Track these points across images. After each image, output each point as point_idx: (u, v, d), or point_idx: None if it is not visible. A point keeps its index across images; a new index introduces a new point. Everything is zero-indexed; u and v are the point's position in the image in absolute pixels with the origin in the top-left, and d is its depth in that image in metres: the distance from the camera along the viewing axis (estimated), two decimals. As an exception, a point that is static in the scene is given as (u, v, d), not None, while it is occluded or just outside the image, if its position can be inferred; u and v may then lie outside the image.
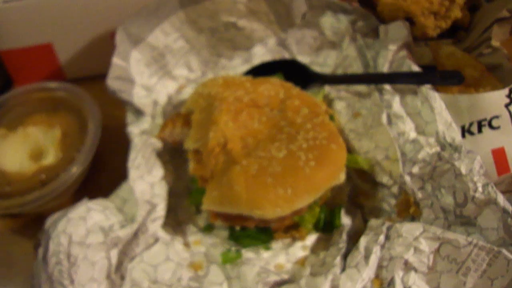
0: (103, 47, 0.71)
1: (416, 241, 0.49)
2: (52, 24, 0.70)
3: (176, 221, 0.59)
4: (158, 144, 0.60)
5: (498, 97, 0.58)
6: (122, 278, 0.52)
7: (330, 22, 0.70)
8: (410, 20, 0.71)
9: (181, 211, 0.60)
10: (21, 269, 0.58)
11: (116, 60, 0.63)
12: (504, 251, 0.46)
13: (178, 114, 0.62)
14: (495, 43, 0.69)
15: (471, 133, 0.57)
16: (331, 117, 0.62)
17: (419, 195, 0.54)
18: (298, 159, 0.53)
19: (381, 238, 0.51)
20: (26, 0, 0.67)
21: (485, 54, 0.68)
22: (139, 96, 0.63)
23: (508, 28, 0.70)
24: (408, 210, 0.55)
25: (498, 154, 0.56)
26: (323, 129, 0.56)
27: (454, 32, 0.74)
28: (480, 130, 0.57)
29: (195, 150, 0.57)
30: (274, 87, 0.61)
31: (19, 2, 0.67)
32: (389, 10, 0.72)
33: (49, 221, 0.51)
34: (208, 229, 0.58)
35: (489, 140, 0.56)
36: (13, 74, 0.74)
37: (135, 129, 0.60)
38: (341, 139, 0.57)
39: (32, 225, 0.59)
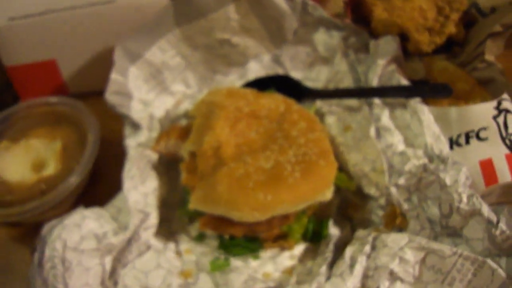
0: (105, 64, 0.72)
1: (401, 251, 0.50)
2: (56, 41, 0.72)
3: (169, 230, 0.60)
4: (153, 156, 0.62)
5: (486, 109, 0.59)
6: (115, 284, 0.53)
7: (323, 38, 0.72)
8: (405, 36, 0.73)
9: (174, 221, 0.61)
10: (21, 276, 0.59)
11: (114, 76, 0.64)
12: (489, 261, 0.46)
13: (172, 127, 0.64)
14: (488, 57, 0.69)
15: (459, 145, 0.58)
16: None
17: (405, 206, 0.55)
18: (284, 169, 0.54)
19: (367, 248, 0.52)
20: (31, 18, 0.69)
21: (479, 69, 0.69)
22: (136, 110, 0.65)
23: (502, 43, 0.71)
24: (395, 221, 0.55)
25: (486, 165, 0.56)
26: (315, 145, 0.57)
27: (450, 47, 0.75)
28: (467, 142, 0.58)
29: (190, 153, 0.59)
30: (276, 101, 0.62)
31: (24, 19, 0.69)
32: (383, 26, 0.73)
33: (46, 228, 0.53)
34: (199, 238, 0.59)
35: (476, 151, 0.57)
36: (18, 89, 0.76)
37: (132, 142, 0.62)
38: (333, 157, 0.58)
39: (32, 233, 0.59)
